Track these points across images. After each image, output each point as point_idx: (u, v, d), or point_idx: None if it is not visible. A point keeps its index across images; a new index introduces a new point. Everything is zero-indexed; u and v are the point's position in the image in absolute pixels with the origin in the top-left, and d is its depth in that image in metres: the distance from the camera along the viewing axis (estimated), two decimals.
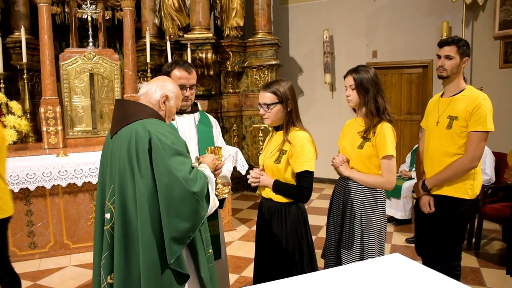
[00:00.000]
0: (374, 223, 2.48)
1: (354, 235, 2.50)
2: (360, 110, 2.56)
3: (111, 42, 6.51)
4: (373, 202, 2.50)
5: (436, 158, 2.73)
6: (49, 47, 4.81)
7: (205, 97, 6.56)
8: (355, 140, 2.53)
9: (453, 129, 2.63)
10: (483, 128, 2.54)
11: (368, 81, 2.47)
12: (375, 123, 2.46)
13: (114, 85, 5.13)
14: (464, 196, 2.65)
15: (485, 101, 2.57)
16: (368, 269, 1.92)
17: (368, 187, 2.50)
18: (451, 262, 2.70)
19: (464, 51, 2.66)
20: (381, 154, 2.43)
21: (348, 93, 2.54)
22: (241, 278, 3.87)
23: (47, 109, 4.78)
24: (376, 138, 2.43)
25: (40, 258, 4.33)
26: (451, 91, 2.74)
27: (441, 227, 2.73)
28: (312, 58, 7.65)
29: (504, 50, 5.88)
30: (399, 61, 6.94)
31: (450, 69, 2.66)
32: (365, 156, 2.47)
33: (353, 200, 2.52)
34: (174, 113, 2.15)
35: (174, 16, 6.67)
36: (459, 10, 6.30)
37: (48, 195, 4.32)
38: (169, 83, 2.10)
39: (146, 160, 1.83)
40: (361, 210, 2.49)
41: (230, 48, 6.88)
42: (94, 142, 5.06)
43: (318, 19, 7.48)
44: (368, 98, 2.47)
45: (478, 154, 2.58)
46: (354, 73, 2.51)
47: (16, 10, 5.85)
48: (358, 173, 2.52)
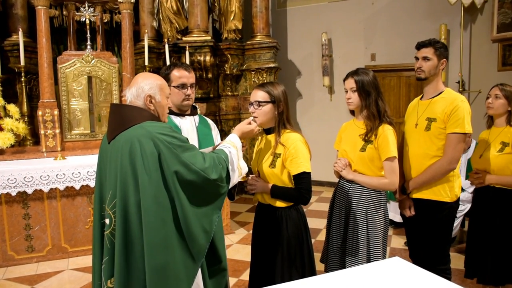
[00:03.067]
0: (378, 226, 2.48)
1: (359, 240, 2.49)
2: (361, 112, 2.55)
3: (109, 45, 6.50)
4: (376, 205, 2.51)
5: (416, 161, 2.73)
6: (47, 50, 4.80)
7: (204, 100, 6.55)
8: (357, 143, 2.53)
9: (431, 131, 2.63)
10: (461, 130, 2.55)
11: (369, 84, 2.48)
12: (376, 125, 2.46)
13: (112, 88, 5.12)
14: (444, 199, 2.65)
15: (463, 103, 2.58)
16: (368, 273, 1.90)
17: (372, 189, 2.50)
18: (439, 266, 2.68)
19: (442, 53, 2.68)
20: (383, 156, 2.44)
21: (348, 95, 2.53)
22: (239, 282, 3.85)
23: (45, 112, 4.77)
24: (378, 140, 2.44)
25: (38, 261, 4.31)
26: (430, 94, 2.75)
27: (425, 231, 2.73)
28: (310, 61, 7.66)
29: (502, 52, 5.89)
30: (397, 64, 6.94)
31: (428, 71, 2.68)
32: (368, 159, 2.48)
33: (357, 203, 2.51)
34: (168, 104, 2.09)
35: (173, 19, 6.66)
36: (457, 13, 6.31)
37: (46, 198, 4.30)
38: (148, 79, 2.01)
39: (154, 164, 1.82)
40: (365, 214, 2.49)
41: (228, 51, 6.88)
42: (92, 145, 5.05)
43: (317, 22, 7.49)
44: (370, 101, 2.47)
45: (457, 156, 2.59)
46: (355, 75, 2.51)
47: (14, 13, 5.84)
48: (361, 176, 2.52)
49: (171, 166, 1.83)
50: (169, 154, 1.83)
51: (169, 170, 1.83)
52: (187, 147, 1.90)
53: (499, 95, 2.95)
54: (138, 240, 1.84)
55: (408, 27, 6.74)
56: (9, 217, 4.19)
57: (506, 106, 2.95)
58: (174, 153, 1.83)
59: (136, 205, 1.84)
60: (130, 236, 1.85)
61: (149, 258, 1.82)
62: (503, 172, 2.90)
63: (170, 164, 1.83)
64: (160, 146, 1.83)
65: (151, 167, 1.82)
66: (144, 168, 1.82)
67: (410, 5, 6.80)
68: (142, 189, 1.82)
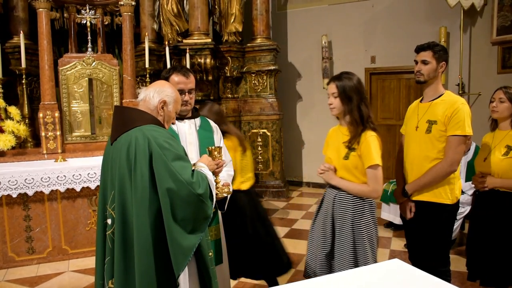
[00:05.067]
0: (365, 231, 2.43)
1: (345, 248, 2.44)
2: (344, 118, 2.51)
3: (110, 47, 6.51)
4: (362, 210, 2.45)
5: (416, 163, 2.73)
6: (48, 52, 4.81)
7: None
8: (340, 150, 2.49)
9: (432, 133, 2.64)
10: (461, 132, 2.56)
11: (351, 89, 2.41)
12: (359, 132, 2.42)
13: (113, 90, 5.14)
14: (445, 201, 2.65)
15: (463, 106, 2.59)
16: (367, 275, 1.91)
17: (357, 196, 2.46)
18: (440, 268, 2.68)
19: (441, 56, 2.69)
20: (366, 164, 2.39)
21: (330, 101, 2.49)
22: (239, 284, 3.85)
23: (46, 114, 4.78)
24: (361, 147, 2.40)
25: (38, 263, 4.31)
26: (429, 96, 2.76)
27: (425, 233, 2.73)
28: (310, 64, 7.68)
29: (502, 55, 5.90)
30: (397, 66, 6.96)
31: (427, 74, 2.69)
32: (352, 166, 2.44)
33: (342, 209, 2.47)
34: (174, 118, 2.16)
35: (173, 21, 6.68)
36: (457, 16, 6.33)
37: (47, 200, 4.31)
38: (167, 87, 2.11)
39: (144, 165, 1.84)
40: (352, 220, 2.43)
41: (228, 53, 6.90)
42: (93, 147, 5.06)
43: (317, 24, 7.51)
44: (352, 106, 2.42)
45: (457, 158, 2.60)
46: (337, 80, 2.45)
47: (15, 15, 5.86)
48: (345, 182, 2.47)
49: (157, 170, 1.83)
50: (158, 158, 1.83)
51: (158, 175, 1.83)
52: (180, 156, 1.89)
53: (503, 98, 2.93)
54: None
55: (408, 29, 6.76)
56: (9, 219, 4.20)
57: (510, 109, 2.93)
58: (162, 158, 1.83)
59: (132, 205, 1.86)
60: (128, 236, 1.87)
61: (138, 260, 1.83)
62: (508, 175, 2.89)
63: (157, 168, 1.83)
64: (153, 148, 1.84)
65: (139, 169, 1.84)
66: (135, 169, 1.84)
67: (410, 8, 6.82)
68: (134, 190, 1.84)
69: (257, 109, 6.99)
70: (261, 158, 6.98)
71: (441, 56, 2.69)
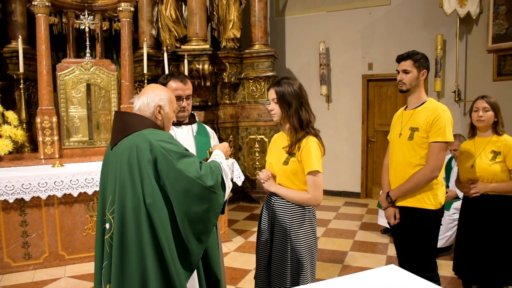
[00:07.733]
0: (303, 240, 2.38)
1: (282, 257, 2.39)
2: (284, 124, 2.48)
3: (108, 53, 6.53)
4: (301, 219, 2.40)
5: (400, 169, 2.79)
6: (46, 57, 4.82)
7: (202, 108, 6.57)
8: (281, 155, 2.44)
9: (414, 140, 2.69)
10: (442, 138, 2.61)
11: (290, 94, 2.38)
12: (299, 137, 2.39)
13: (111, 96, 5.14)
14: (428, 207, 2.69)
15: (444, 113, 2.64)
16: (363, 280, 1.92)
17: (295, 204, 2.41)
18: (426, 273, 2.66)
19: (421, 64, 2.74)
20: (306, 170, 2.34)
21: (271, 107, 2.46)
22: None
23: (44, 119, 4.78)
24: (301, 153, 2.36)
25: (35, 269, 4.29)
26: (413, 104, 2.82)
27: (411, 239, 2.77)
28: (308, 70, 7.71)
29: (497, 63, 5.95)
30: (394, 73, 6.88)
31: (409, 83, 2.76)
32: (290, 172, 2.39)
33: (281, 217, 2.42)
34: (173, 117, 2.18)
35: (171, 27, 6.71)
36: (453, 24, 6.38)
37: (44, 205, 4.29)
38: (159, 90, 2.11)
39: (150, 169, 1.86)
40: (289, 228, 2.38)
41: (226, 59, 6.93)
42: (90, 152, 5.05)
43: (315, 31, 7.55)
44: (291, 111, 2.39)
45: (439, 164, 2.64)
46: (276, 86, 2.43)
47: (13, 20, 5.86)
48: (284, 189, 2.42)
49: (166, 172, 1.86)
50: (165, 161, 1.86)
51: (167, 177, 1.86)
52: (184, 154, 1.92)
53: (488, 107, 3.03)
54: (133, 245, 1.86)
55: (405, 37, 6.81)
56: (6, 224, 4.18)
57: (493, 117, 3.03)
58: (168, 159, 1.85)
59: (133, 211, 1.86)
60: (126, 241, 1.87)
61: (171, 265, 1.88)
62: (497, 179, 2.97)
63: (165, 170, 1.86)
64: (156, 151, 1.86)
65: (145, 173, 1.86)
66: (140, 174, 1.86)
67: (407, 16, 6.88)
68: (146, 195, 1.86)
69: (254, 115, 7.00)
70: (258, 164, 6.98)
71: (421, 64, 2.75)
